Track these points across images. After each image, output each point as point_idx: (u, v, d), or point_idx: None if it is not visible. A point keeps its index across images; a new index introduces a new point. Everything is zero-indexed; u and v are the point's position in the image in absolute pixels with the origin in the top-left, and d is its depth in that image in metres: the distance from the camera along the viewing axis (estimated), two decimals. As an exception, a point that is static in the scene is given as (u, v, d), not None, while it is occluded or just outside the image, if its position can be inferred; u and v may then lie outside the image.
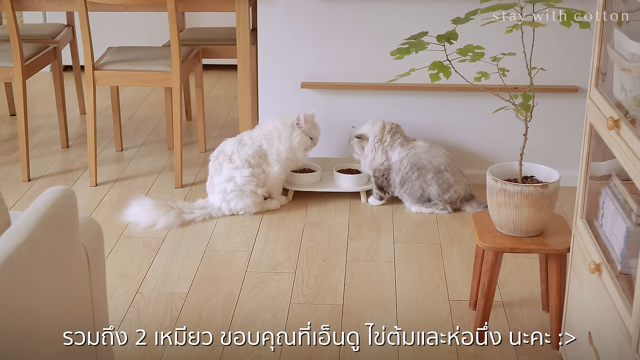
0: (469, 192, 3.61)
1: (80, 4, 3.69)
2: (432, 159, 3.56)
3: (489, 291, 2.60)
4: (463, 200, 3.59)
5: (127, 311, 2.86)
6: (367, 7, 3.71)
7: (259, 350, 2.64)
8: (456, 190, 3.55)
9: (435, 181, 3.53)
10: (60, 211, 1.93)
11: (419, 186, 3.54)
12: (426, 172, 3.54)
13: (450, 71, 2.59)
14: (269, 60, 3.83)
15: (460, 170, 3.61)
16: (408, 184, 3.56)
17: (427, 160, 3.55)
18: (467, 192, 3.59)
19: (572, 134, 3.79)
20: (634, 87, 2.03)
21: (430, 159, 3.56)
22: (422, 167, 3.54)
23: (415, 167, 3.55)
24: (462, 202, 3.59)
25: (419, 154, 3.57)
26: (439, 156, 3.58)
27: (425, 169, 3.54)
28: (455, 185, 3.55)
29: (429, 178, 3.53)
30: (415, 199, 3.58)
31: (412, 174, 3.54)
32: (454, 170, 3.57)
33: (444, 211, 3.57)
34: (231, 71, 5.77)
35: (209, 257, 3.24)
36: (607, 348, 2.06)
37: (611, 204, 2.16)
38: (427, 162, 3.55)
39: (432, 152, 3.59)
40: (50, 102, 5.11)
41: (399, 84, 3.64)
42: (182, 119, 3.97)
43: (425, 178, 3.54)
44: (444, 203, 3.56)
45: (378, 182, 3.64)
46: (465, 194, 3.58)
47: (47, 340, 1.86)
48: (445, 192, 3.54)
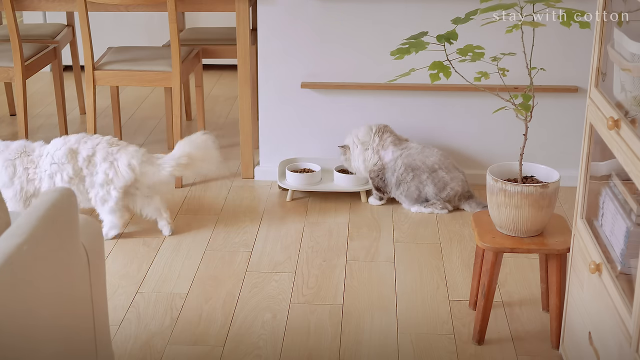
0: (467, 188, 3.60)
1: (80, 4, 3.69)
2: (426, 159, 3.56)
3: (489, 291, 2.60)
4: (461, 197, 3.58)
5: (127, 311, 2.86)
6: (367, 7, 3.71)
7: (259, 350, 2.64)
8: (452, 187, 3.55)
9: (431, 181, 3.53)
10: (60, 211, 1.94)
11: (415, 187, 3.55)
12: (421, 172, 3.54)
13: (450, 71, 2.59)
14: (269, 60, 3.83)
15: (455, 166, 3.61)
16: (404, 185, 3.56)
17: (421, 160, 3.55)
18: (464, 189, 3.59)
19: (572, 134, 3.79)
20: (634, 87, 2.03)
21: (424, 159, 3.56)
22: (416, 167, 3.54)
23: (409, 168, 3.55)
24: (460, 199, 3.59)
25: (412, 155, 3.57)
26: (432, 155, 3.58)
27: (420, 170, 3.54)
28: (452, 183, 3.55)
29: (424, 178, 3.54)
30: (413, 199, 3.58)
31: (407, 175, 3.55)
32: (448, 168, 3.57)
33: (443, 210, 3.57)
34: (231, 71, 5.77)
35: (209, 257, 3.24)
36: (607, 348, 2.06)
37: (611, 204, 2.16)
38: (421, 163, 3.55)
39: (425, 152, 3.59)
40: (50, 102, 5.11)
41: (399, 84, 3.65)
42: (182, 119, 3.97)
43: (420, 178, 3.54)
44: (442, 202, 3.56)
45: (375, 183, 3.65)
46: (463, 191, 3.58)
47: (47, 340, 1.86)
48: (441, 191, 3.54)
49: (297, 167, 3.85)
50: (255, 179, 3.97)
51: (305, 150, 3.93)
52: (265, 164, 3.97)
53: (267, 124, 3.92)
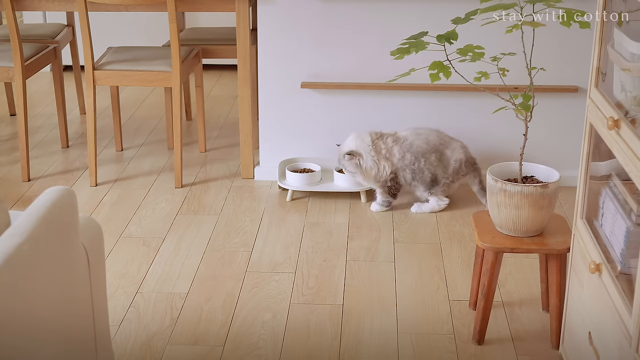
0: (468, 154, 3.59)
1: (80, 4, 3.69)
2: (427, 140, 3.56)
3: (489, 291, 2.60)
4: (468, 165, 3.57)
5: (127, 311, 2.86)
6: (367, 7, 3.71)
7: (259, 351, 2.64)
8: (456, 158, 3.54)
9: (439, 160, 3.53)
10: (60, 211, 1.94)
11: (428, 170, 3.53)
12: (429, 154, 3.53)
13: (450, 71, 2.59)
14: (269, 60, 3.83)
15: (449, 137, 3.61)
16: (418, 173, 3.54)
17: (424, 142, 3.55)
18: (467, 155, 3.58)
19: (572, 134, 3.79)
20: (634, 87, 2.03)
21: (426, 140, 3.56)
22: (424, 152, 3.53)
23: (419, 155, 3.53)
24: (467, 167, 3.57)
25: (413, 143, 3.55)
26: (430, 134, 3.58)
27: (427, 152, 3.53)
28: (454, 155, 3.55)
29: (433, 159, 3.53)
30: (427, 184, 3.56)
31: (419, 163, 3.53)
32: (446, 141, 3.58)
33: (441, 203, 3.56)
34: (231, 71, 5.77)
35: (209, 257, 3.24)
36: (607, 348, 2.06)
37: (611, 204, 2.16)
38: (425, 144, 3.54)
39: (421, 133, 3.58)
40: (50, 102, 5.11)
41: (399, 84, 3.65)
42: (182, 119, 3.97)
43: (430, 161, 3.53)
44: (450, 181, 3.55)
45: (391, 191, 3.59)
46: (466, 157, 3.57)
47: (47, 340, 1.86)
48: (448, 167, 3.54)
49: (297, 167, 3.85)
50: (255, 179, 3.97)
51: (305, 150, 3.93)
52: (265, 164, 3.97)
53: (267, 124, 3.92)
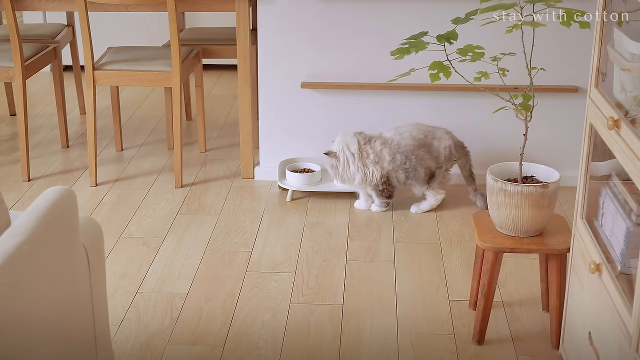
0: (456, 139, 3.56)
1: (80, 4, 3.69)
2: (412, 136, 3.52)
3: (489, 291, 2.60)
4: (458, 149, 3.54)
5: (127, 311, 2.86)
6: (367, 7, 3.71)
7: (259, 351, 2.64)
8: (445, 146, 3.53)
9: (429, 154, 3.50)
10: (61, 211, 1.93)
11: (420, 166, 3.51)
12: (417, 150, 3.50)
13: (450, 71, 2.59)
14: (269, 60, 3.83)
15: (431, 127, 3.58)
16: (412, 172, 3.52)
17: (410, 139, 3.51)
18: (454, 139, 3.55)
19: (572, 134, 3.79)
20: (634, 87, 2.03)
21: (410, 138, 3.52)
22: (413, 148, 3.51)
23: (409, 153, 3.50)
24: (458, 151, 3.54)
25: (400, 142, 3.52)
26: (413, 130, 3.55)
27: (416, 148, 3.50)
28: (442, 142, 3.53)
29: (422, 154, 3.50)
30: (422, 180, 3.54)
31: (411, 162, 3.50)
32: (430, 132, 3.55)
33: (438, 197, 3.55)
34: (231, 71, 5.77)
35: (209, 257, 3.24)
36: (607, 348, 2.06)
37: (611, 204, 2.16)
38: (412, 141, 3.51)
39: (404, 132, 3.54)
40: (50, 102, 5.11)
41: (399, 84, 3.65)
42: (182, 119, 3.97)
43: (420, 156, 3.49)
44: (444, 169, 3.55)
45: (384, 193, 3.58)
46: (454, 141, 3.54)
47: (47, 340, 1.86)
48: (439, 157, 3.52)
49: (297, 167, 3.85)
50: (255, 179, 3.97)
51: (305, 150, 3.93)
52: (265, 164, 3.97)
53: (267, 124, 3.92)
